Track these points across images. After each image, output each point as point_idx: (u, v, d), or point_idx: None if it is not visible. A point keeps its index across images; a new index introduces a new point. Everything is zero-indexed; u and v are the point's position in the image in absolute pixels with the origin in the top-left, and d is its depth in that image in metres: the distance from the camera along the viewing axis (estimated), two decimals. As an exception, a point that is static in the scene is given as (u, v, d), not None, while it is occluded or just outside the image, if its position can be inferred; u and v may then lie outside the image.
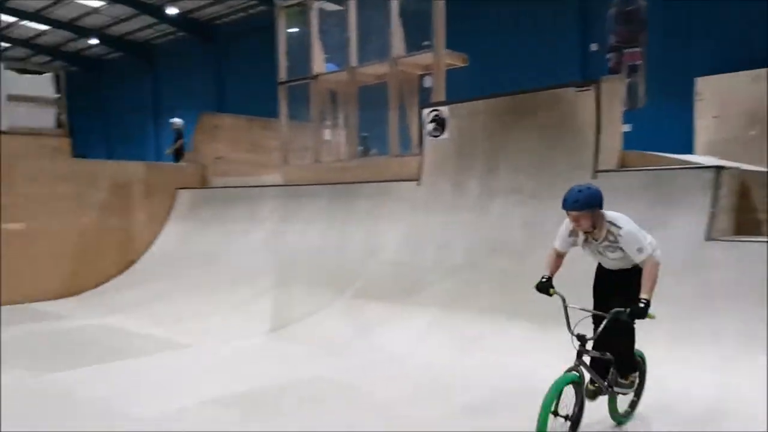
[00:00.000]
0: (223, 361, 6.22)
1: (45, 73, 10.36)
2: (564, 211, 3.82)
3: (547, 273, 3.96)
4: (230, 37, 24.98)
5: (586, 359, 3.78)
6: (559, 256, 4.03)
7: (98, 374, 5.73)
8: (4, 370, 5.75)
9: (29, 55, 29.42)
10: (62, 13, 24.94)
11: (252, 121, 13.34)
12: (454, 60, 9.41)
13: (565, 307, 3.75)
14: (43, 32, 27.37)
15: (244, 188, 10.81)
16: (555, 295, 3.83)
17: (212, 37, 25.64)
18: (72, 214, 10.11)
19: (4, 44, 28.15)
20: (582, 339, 3.68)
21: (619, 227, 3.78)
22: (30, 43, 28.42)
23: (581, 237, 3.93)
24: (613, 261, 3.95)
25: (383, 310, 6.87)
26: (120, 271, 10.54)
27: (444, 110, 7.81)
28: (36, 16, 25.19)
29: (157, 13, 23.98)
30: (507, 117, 7.33)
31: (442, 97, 8.76)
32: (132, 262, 10.72)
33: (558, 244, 4.02)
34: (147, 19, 25.26)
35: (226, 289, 8.74)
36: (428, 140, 7.96)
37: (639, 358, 4.14)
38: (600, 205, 3.82)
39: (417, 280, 7.11)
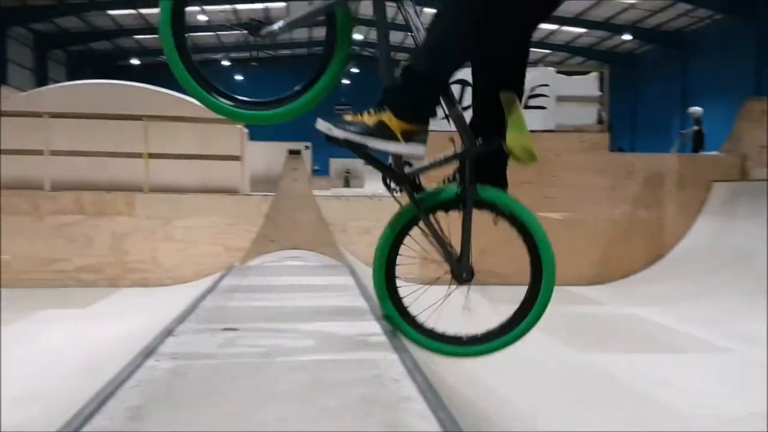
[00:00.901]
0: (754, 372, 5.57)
1: (590, 73, 11.11)
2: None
3: None
4: (777, 9, 21.99)
5: None
6: None
7: (633, 362, 5.84)
8: (547, 345, 6.51)
9: (566, 58, 32.17)
10: (598, 13, 26.33)
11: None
12: None
13: None
14: (580, 35, 29.48)
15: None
16: None
17: (754, 13, 23.01)
18: (606, 205, 10.64)
19: (546, 51, 31.57)
20: None
21: None
22: (568, 46, 31.03)
23: None
24: None
25: None
26: (647, 264, 10.56)
27: None
28: (575, 21, 27.30)
29: (699, -1, 23.00)
30: None
31: None
32: (660, 256, 10.62)
33: None
34: (682, 7, 24.44)
35: (762, 292, 7.81)
36: None
37: None
38: None
39: None
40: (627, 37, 28.29)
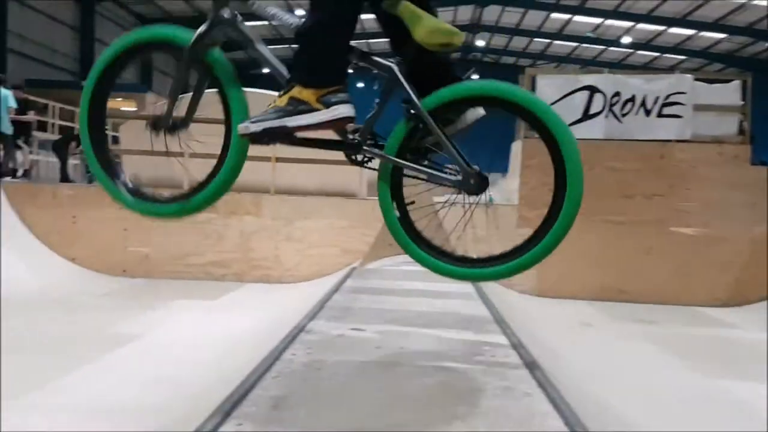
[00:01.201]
0: None
1: (732, 81, 10.38)
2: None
3: None
4: None
5: None
6: None
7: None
8: (678, 369, 6.10)
9: (703, 65, 30.20)
10: (740, 18, 24.53)
11: None
12: None
13: None
14: (719, 41, 27.59)
15: None
16: None
17: None
18: (744, 222, 9.86)
19: (681, 57, 29.80)
20: None
21: None
22: (705, 52, 29.11)
23: None
24: None
25: None
26: (796, 288, 9.69)
27: None
28: (714, 26, 25.61)
29: None
30: None
31: None
32: (802, 280, 9.69)
33: None
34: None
35: None
36: None
37: None
38: None
39: None
40: (773, 42, 26.17)
